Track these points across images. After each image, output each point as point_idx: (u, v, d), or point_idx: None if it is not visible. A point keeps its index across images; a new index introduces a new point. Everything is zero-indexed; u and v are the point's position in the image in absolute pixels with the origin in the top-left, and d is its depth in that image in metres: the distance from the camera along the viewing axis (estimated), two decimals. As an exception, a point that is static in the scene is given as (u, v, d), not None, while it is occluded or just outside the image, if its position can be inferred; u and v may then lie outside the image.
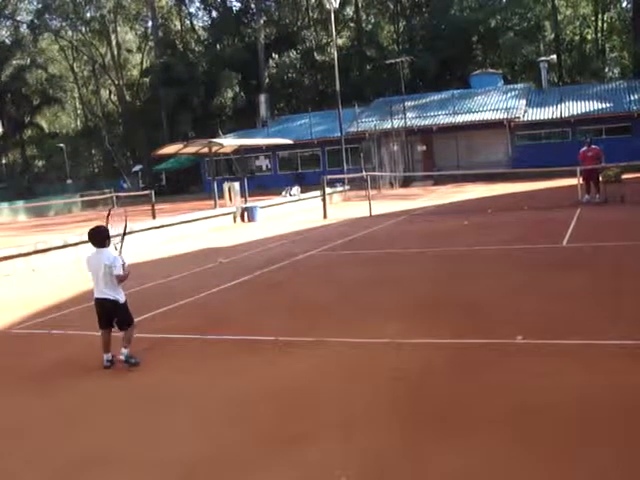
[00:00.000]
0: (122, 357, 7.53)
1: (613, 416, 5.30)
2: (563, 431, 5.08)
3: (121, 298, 7.61)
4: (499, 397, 5.88)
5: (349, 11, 76.30)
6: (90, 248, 7.73)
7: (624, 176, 22.75)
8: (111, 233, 7.71)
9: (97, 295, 7.60)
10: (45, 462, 5.33)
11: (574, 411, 5.44)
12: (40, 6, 78.35)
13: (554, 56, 64.44)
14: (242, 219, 28.21)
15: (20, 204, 49.41)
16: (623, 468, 4.47)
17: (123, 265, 7.51)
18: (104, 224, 7.83)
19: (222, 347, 8.26)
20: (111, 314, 7.59)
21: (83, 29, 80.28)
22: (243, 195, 32.62)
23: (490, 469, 4.57)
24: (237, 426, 5.73)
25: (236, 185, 31.24)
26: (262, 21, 72.34)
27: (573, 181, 23.70)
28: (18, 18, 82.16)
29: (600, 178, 22.52)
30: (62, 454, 5.44)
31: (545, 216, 19.95)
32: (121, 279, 7.57)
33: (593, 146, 23.17)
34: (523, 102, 49.37)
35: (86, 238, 7.91)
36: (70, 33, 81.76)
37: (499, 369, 6.62)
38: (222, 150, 38.15)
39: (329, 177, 31.46)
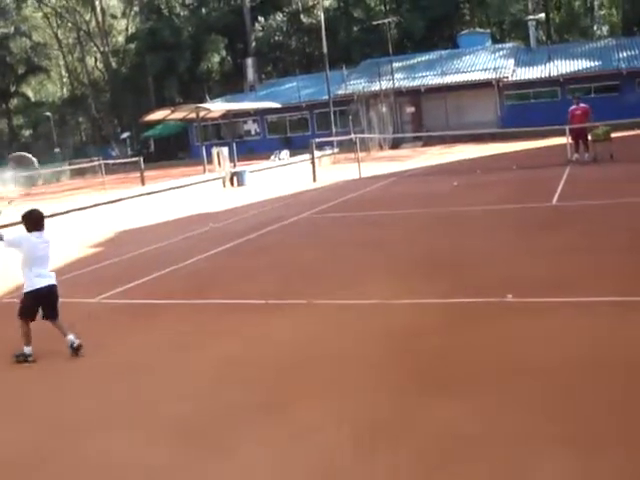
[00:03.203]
0: (74, 343, 6.89)
1: (600, 370, 5.37)
2: (551, 387, 5.15)
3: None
4: (489, 355, 5.95)
5: (335, -28, 75.48)
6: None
7: (613, 134, 22.70)
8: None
9: (45, 283, 6.99)
10: (47, 428, 5.37)
11: (562, 367, 5.50)
12: (22, -28, 77.28)
13: (542, 14, 64.06)
14: (231, 184, 28.16)
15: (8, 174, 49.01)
16: (613, 419, 4.54)
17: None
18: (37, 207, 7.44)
19: (213, 311, 8.31)
20: (52, 301, 7.08)
21: (66, -5, 79.22)
22: (232, 160, 32.49)
23: (481, 425, 4.63)
24: (230, 387, 5.79)
25: (225, 150, 31.07)
26: (247, -17, 71.55)
27: (562, 140, 23.68)
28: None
29: (589, 137, 22.51)
30: (63, 420, 5.49)
31: (535, 175, 19.96)
32: None
33: (582, 104, 23.14)
34: (511, 61, 49.14)
35: (76, 206, 7.87)
36: (53, 0, 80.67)
37: (489, 328, 6.68)
38: (210, 115, 37.95)
39: (318, 140, 31.36)
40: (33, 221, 7.11)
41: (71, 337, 6.91)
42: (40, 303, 7.03)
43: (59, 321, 7.07)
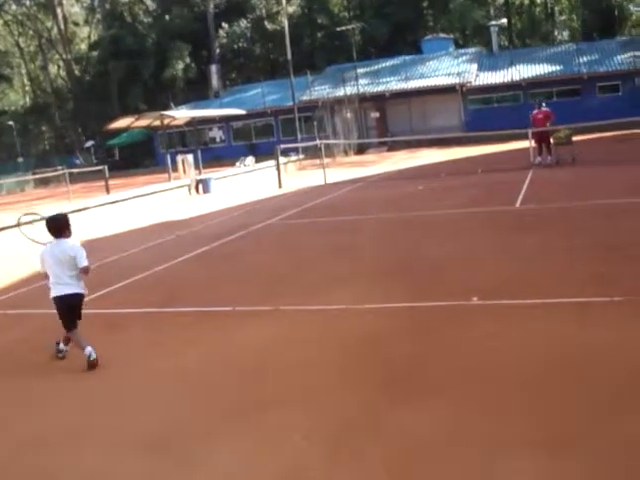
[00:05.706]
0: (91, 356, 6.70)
1: (563, 371, 5.43)
2: (518, 389, 5.20)
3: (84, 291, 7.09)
4: (456, 358, 5.99)
5: (299, -22, 75.55)
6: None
7: (574, 138, 23.00)
8: None
9: (61, 292, 6.87)
10: (15, 443, 5.30)
11: (528, 369, 5.56)
12: (-19, -21, 76.49)
13: (504, 20, 64.76)
14: (197, 191, 28.08)
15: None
16: (580, 419, 4.59)
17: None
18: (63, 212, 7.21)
19: (180, 319, 8.27)
20: (76, 309, 6.98)
21: (27, 2, 78.50)
22: (197, 167, 32.40)
23: (447, 430, 4.67)
24: (197, 396, 5.77)
25: (190, 157, 31.00)
26: (211, -10, 71.36)
27: (525, 144, 23.94)
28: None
29: (551, 140, 22.79)
30: (22, 432, 5.43)
31: (498, 179, 20.16)
32: (87, 271, 7.05)
33: (544, 108, 23.43)
34: (475, 66, 49.62)
35: (38, 217, 7.70)
36: (14, 7, 79.93)
37: (456, 331, 6.72)
38: (174, 122, 37.82)
39: (283, 146, 31.37)
40: (49, 228, 6.98)
41: (89, 349, 6.70)
42: (61, 311, 6.93)
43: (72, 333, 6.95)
